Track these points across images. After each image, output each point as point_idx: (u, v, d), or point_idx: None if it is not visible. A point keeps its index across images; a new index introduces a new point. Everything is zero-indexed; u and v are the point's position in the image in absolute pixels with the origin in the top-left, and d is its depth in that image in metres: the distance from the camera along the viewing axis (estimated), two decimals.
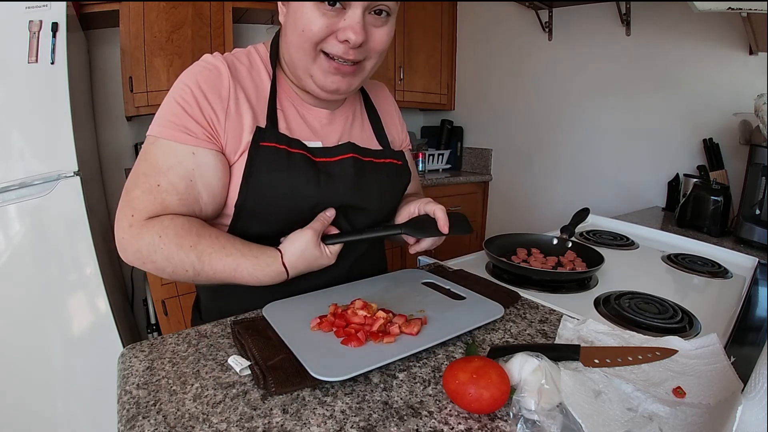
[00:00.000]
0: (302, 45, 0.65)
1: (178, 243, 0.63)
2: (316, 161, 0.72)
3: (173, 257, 0.63)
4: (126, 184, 0.66)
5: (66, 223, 1.44)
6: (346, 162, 0.74)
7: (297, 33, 0.65)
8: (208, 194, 0.68)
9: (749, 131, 1.52)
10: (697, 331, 0.69)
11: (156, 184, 0.64)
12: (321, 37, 0.64)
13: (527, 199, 2.55)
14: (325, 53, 0.66)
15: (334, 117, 0.79)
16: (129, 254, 0.65)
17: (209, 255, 0.64)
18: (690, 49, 1.77)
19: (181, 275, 0.64)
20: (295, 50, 0.67)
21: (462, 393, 0.46)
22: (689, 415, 0.46)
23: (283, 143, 0.69)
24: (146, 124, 0.69)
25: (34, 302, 1.42)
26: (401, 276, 0.85)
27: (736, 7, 1.24)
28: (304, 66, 0.68)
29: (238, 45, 2.29)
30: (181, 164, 0.65)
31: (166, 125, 0.65)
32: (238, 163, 0.68)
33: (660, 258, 1.08)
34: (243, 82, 0.70)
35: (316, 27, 0.63)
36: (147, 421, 0.47)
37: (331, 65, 0.67)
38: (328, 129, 0.77)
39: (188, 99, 0.65)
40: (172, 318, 1.87)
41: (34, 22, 1.31)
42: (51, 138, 1.38)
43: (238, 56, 0.73)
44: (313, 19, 0.63)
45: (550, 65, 2.30)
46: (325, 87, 0.69)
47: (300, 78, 0.71)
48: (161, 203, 0.64)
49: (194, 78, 0.67)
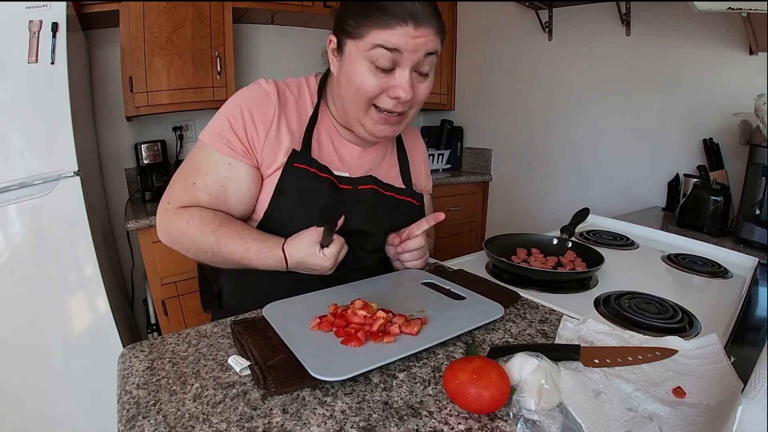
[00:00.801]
0: (357, 100, 0.74)
1: (201, 229, 0.73)
2: (340, 188, 0.80)
3: (196, 240, 0.73)
4: (173, 176, 0.78)
5: (66, 223, 1.44)
6: (367, 191, 0.83)
7: (352, 90, 0.73)
8: (236, 200, 0.77)
9: (749, 131, 1.52)
10: (697, 331, 0.69)
11: (192, 182, 0.76)
12: (374, 95, 0.72)
13: (527, 199, 2.55)
14: (375, 106, 0.74)
15: (366, 153, 0.87)
16: (163, 235, 0.77)
17: (226, 239, 0.73)
18: (690, 49, 1.77)
19: (202, 256, 0.75)
20: (348, 103, 0.76)
21: (462, 393, 0.46)
22: (689, 415, 0.46)
23: (314, 167, 0.78)
24: (146, 124, 0.73)
25: (34, 302, 1.42)
26: (401, 276, 0.85)
27: (736, 7, 1.24)
28: (356, 116, 0.77)
29: (238, 45, 2.30)
30: (218, 171, 0.75)
31: (214, 135, 0.76)
32: (271, 178, 0.78)
33: (660, 258, 1.07)
34: (288, 110, 0.79)
35: (370, 86, 0.71)
36: (147, 421, 0.47)
37: (381, 117, 0.75)
38: (357, 162, 0.85)
39: (237, 117, 0.75)
40: (172, 318, 1.87)
41: (34, 22, 1.31)
42: (51, 138, 1.38)
43: (290, 86, 0.82)
44: (366, 79, 0.71)
45: (550, 65, 2.30)
46: (375, 134, 0.78)
47: (351, 125, 0.80)
48: (193, 198, 0.76)
49: (246, 100, 0.77)
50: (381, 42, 0.67)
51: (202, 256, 0.75)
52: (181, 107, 2.01)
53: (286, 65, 2.50)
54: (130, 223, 1.69)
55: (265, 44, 2.47)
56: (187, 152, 2.30)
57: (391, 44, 0.67)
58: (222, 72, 2.04)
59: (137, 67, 1.86)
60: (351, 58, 0.71)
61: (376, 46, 0.68)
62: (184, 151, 2.30)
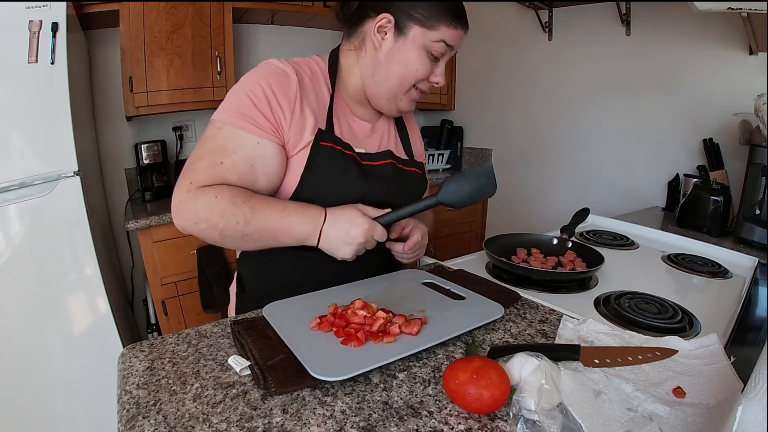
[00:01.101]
0: (404, 81, 0.81)
1: (232, 201, 0.71)
2: (363, 164, 0.84)
3: (226, 212, 0.70)
4: (189, 159, 0.75)
5: (66, 223, 1.44)
6: (387, 166, 0.87)
7: (406, 70, 0.80)
8: (265, 179, 0.77)
9: (749, 131, 1.52)
10: (697, 331, 0.69)
11: (219, 161, 0.73)
12: (422, 78, 0.81)
13: (527, 199, 2.55)
14: (416, 87, 0.83)
15: (374, 129, 0.91)
16: (184, 216, 0.72)
17: (260, 205, 0.72)
18: (690, 49, 1.77)
19: (231, 228, 0.71)
20: (395, 81, 0.81)
21: (462, 393, 0.46)
22: (689, 415, 0.46)
23: (339, 145, 0.80)
24: (146, 124, 0.72)
25: (34, 302, 1.42)
26: (401, 276, 0.85)
27: (736, 7, 1.24)
28: (394, 94, 0.83)
29: (238, 45, 2.30)
30: (245, 149, 0.74)
31: (236, 114, 0.74)
32: (297, 157, 0.78)
33: (660, 258, 1.07)
34: (306, 89, 0.80)
35: (423, 71, 0.80)
36: (147, 421, 0.47)
37: (417, 93, 0.84)
38: (369, 139, 0.89)
39: (259, 95, 0.75)
40: (172, 318, 1.87)
41: (34, 22, 1.31)
42: (51, 138, 1.38)
43: (302, 66, 0.83)
44: (422, 65, 0.79)
45: (550, 65, 2.30)
46: (403, 110, 0.86)
47: (380, 100, 0.84)
48: (220, 177, 0.73)
49: (266, 78, 0.76)
50: (446, 39, 0.78)
51: (231, 228, 0.71)
52: (181, 107, 2.01)
53: None
54: (130, 223, 1.69)
55: (265, 44, 2.47)
56: (188, 152, 2.31)
57: (451, 42, 0.78)
58: (222, 72, 2.04)
59: (137, 67, 1.86)
60: (414, 42, 0.78)
61: (441, 41, 0.77)
62: (184, 151, 2.30)
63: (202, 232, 0.72)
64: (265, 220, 0.72)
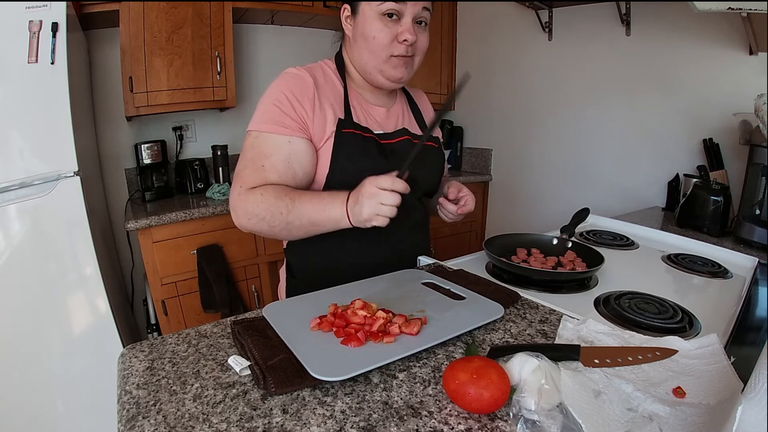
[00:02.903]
0: (375, 50, 0.88)
1: (276, 195, 0.82)
2: (382, 143, 0.94)
3: (272, 205, 0.81)
4: (236, 169, 0.88)
5: (66, 223, 1.44)
6: (404, 142, 0.97)
7: (369, 40, 0.88)
8: (302, 172, 0.88)
9: (749, 131, 1.52)
10: (697, 331, 0.69)
11: (261, 165, 0.85)
12: (388, 41, 0.87)
13: (527, 199, 2.55)
14: (392, 56, 0.89)
15: (390, 113, 1.01)
16: (240, 214, 0.85)
17: (300, 195, 0.82)
18: (690, 49, 1.77)
19: (276, 219, 0.82)
20: (368, 53, 0.90)
21: (462, 393, 0.46)
22: (689, 415, 0.46)
23: (359, 130, 0.91)
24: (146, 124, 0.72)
25: (34, 302, 1.42)
26: (401, 276, 0.85)
27: (736, 7, 1.24)
28: (375, 65, 0.90)
29: (238, 45, 2.30)
30: (280, 150, 0.85)
31: (267, 122, 0.86)
32: (324, 148, 0.89)
33: (660, 258, 1.07)
34: (322, 88, 0.91)
35: (383, 34, 0.86)
36: (147, 421, 0.47)
37: (398, 60, 0.90)
38: (386, 121, 0.99)
39: (283, 101, 0.86)
40: (172, 318, 1.87)
41: (34, 22, 1.31)
42: (51, 138, 1.38)
43: (315, 69, 0.94)
44: (380, 29, 0.86)
45: (550, 65, 2.30)
46: (393, 77, 0.91)
47: (369, 73, 0.93)
48: (264, 178, 0.85)
49: (286, 85, 0.88)
50: None
51: (276, 220, 0.81)
52: (181, 107, 2.01)
53: (286, 65, 2.47)
54: (130, 223, 1.70)
55: (265, 44, 2.47)
56: (188, 152, 2.32)
57: None
58: (222, 72, 2.04)
59: (137, 67, 1.86)
60: (365, 16, 0.87)
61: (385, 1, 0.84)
62: (184, 151, 2.31)
63: (255, 225, 0.84)
64: (304, 207, 0.81)
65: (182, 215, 1.78)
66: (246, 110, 2.46)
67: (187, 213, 1.80)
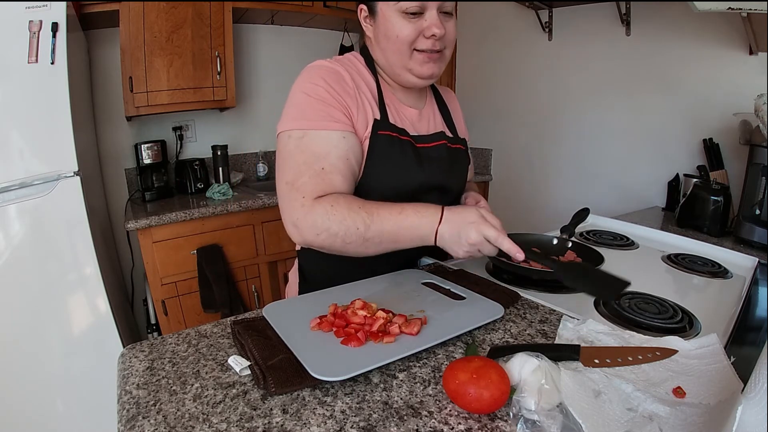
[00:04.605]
0: (399, 48, 0.81)
1: (348, 207, 0.73)
2: (418, 147, 0.87)
3: (346, 219, 0.72)
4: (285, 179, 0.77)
5: (66, 223, 1.44)
6: (441, 147, 0.91)
7: (392, 40, 0.81)
8: (359, 169, 0.82)
9: (749, 131, 1.52)
10: (697, 331, 0.69)
11: (320, 168, 0.75)
12: (412, 39, 0.80)
13: (527, 199, 2.55)
14: (417, 50, 0.82)
15: (422, 114, 0.94)
16: (305, 230, 0.74)
17: (377, 208, 0.73)
18: (690, 49, 1.77)
19: (352, 235, 0.72)
20: (392, 54, 0.83)
21: (462, 393, 0.46)
22: (689, 415, 0.46)
23: (395, 132, 0.84)
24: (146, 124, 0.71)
25: (34, 302, 1.42)
26: (401, 276, 0.85)
27: (736, 7, 1.24)
28: (402, 63, 0.83)
29: (238, 45, 2.30)
30: (337, 147, 0.77)
31: (311, 118, 0.77)
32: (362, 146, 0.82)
33: (660, 258, 1.07)
34: (358, 82, 0.84)
35: (407, 32, 0.80)
36: (147, 421, 0.47)
37: (424, 56, 0.82)
38: (420, 123, 0.93)
39: (323, 94, 0.78)
40: (172, 318, 1.87)
41: (34, 22, 1.31)
42: (51, 138, 1.39)
43: (346, 62, 0.87)
44: (403, 27, 0.79)
45: (550, 65, 2.30)
46: (422, 74, 0.84)
47: (398, 74, 0.86)
48: (329, 183, 0.75)
49: (322, 78, 0.80)
50: None
51: (352, 236, 0.72)
52: (181, 107, 2.01)
53: (286, 65, 2.50)
54: (130, 223, 1.70)
55: (265, 44, 2.48)
56: (188, 152, 2.31)
57: None
58: (222, 72, 2.04)
59: (137, 67, 1.86)
60: (385, 16, 0.81)
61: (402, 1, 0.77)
62: (185, 151, 2.31)
63: (324, 242, 0.73)
64: (384, 222, 0.72)
65: (182, 215, 1.79)
66: (246, 110, 2.46)
67: (187, 213, 1.80)
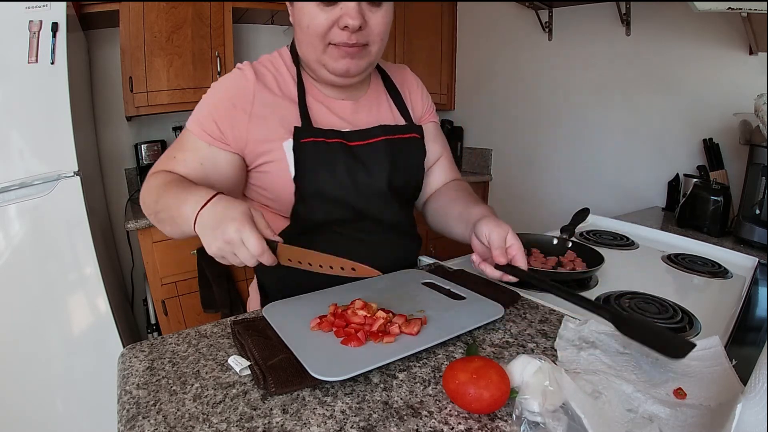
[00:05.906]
0: (311, 40, 0.74)
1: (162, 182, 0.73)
2: (351, 146, 0.80)
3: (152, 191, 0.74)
4: None
5: (66, 223, 1.44)
6: (378, 145, 0.83)
7: (303, 30, 0.74)
8: (218, 181, 0.78)
9: (749, 131, 1.52)
10: (697, 331, 0.69)
11: (173, 155, 0.79)
12: (325, 29, 0.71)
13: (527, 199, 2.55)
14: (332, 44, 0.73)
15: (359, 106, 0.86)
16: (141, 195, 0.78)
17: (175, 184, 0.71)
18: (690, 49, 1.77)
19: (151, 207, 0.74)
20: (305, 45, 0.76)
21: (462, 393, 0.46)
22: (689, 416, 0.46)
23: (320, 136, 0.78)
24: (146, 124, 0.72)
25: (34, 302, 1.42)
26: (401, 276, 0.85)
27: (736, 7, 1.24)
28: (316, 57, 0.76)
29: (238, 45, 2.30)
30: (197, 151, 0.78)
31: (194, 122, 0.78)
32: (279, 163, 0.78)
33: (660, 258, 1.07)
34: (270, 88, 0.80)
35: (318, 21, 0.71)
36: (147, 421, 0.47)
37: (339, 51, 0.74)
38: (355, 117, 0.85)
39: (218, 106, 0.78)
40: (172, 318, 1.87)
41: (34, 22, 1.31)
42: (51, 138, 1.38)
43: (264, 63, 0.83)
44: (314, 15, 0.71)
45: (550, 65, 2.30)
46: (337, 71, 0.76)
47: (314, 69, 0.79)
48: (171, 168, 0.78)
49: (225, 86, 0.80)
50: None
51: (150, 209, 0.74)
52: (181, 107, 2.01)
53: None
54: (130, 224, 1.70)
55: (265, 44, 2.47)
56: None
57: None
58: (222, 72, 2.04)
59: (137, 67, 1.86)
60: (298, 4, 0.73)
61: None
62: None
63: (148, 215, 0.76)
64: (168, 196, 0.68)
65: None
66: None
67: None
